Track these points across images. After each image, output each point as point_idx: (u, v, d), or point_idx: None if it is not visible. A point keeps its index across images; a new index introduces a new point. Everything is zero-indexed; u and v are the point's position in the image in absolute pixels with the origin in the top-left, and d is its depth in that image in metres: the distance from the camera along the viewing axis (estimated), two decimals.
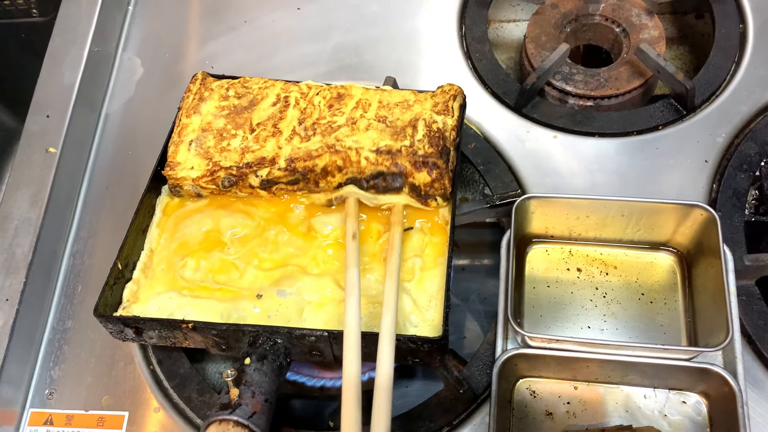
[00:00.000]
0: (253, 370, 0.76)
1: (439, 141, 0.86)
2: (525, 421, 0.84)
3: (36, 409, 0.94)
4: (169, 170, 0.90)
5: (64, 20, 1.19)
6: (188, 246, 0.89)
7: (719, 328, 0.79)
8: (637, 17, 1.15)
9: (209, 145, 0.90)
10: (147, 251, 0.90)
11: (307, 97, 0.93)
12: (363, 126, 0.88)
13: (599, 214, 0.90)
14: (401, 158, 0.85)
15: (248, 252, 0.88)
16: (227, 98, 0.94)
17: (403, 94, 0.93)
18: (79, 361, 0.96)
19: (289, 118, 0.91)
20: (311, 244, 0.89)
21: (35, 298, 0.98)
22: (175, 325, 0.80)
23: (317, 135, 0.88)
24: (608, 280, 0.92)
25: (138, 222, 0.89)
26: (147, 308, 0.85)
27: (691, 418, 0.83)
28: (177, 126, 0.93)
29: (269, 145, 0.89)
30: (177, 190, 0.92)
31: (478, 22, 1.18)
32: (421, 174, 0.85)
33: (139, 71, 1.21)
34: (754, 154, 0.99)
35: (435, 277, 0.84)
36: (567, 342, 0.82)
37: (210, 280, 0.86)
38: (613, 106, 1.10)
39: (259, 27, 1.23)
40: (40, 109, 1.10)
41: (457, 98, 0.92)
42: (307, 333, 0.78)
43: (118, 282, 0.86)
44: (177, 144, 0.91)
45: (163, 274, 0.88)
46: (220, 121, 0.92)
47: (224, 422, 0.71)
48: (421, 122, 0.88)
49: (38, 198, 1.02)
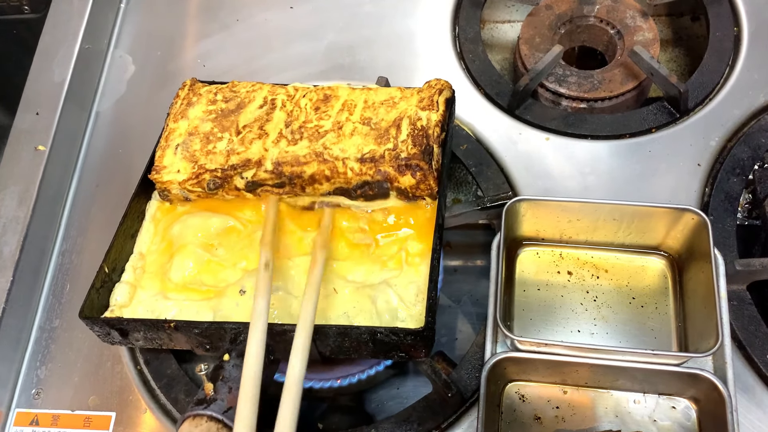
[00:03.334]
0: (232, 366, 0.75)
1: (422, 140, 0.85)
2: (514, 425, 0.84)
3: (22, 409, 0.93)
4: (155, 174, 0.90)
5: (56, 17, 1.18)
6: (176, 248, 0.89)
7: (709, 333, 0.79)
8: (631, 19, 1.14)
9: (195, 148, 0.90)
10: (137, 255, 0.90)
11: (293, 100, 0.93)
12: (348, 131, 0.88)
13: (590, 217, 0.90)
14: (384, 164, 0.85)
15: (236, 253, 0.88)
16: (215, 102, 0.94)
17: (389, 91, 0.93)
18: (66, 360, 0.95)
19: (275, 121, 0.91)
20: (299, 243, 0.88)
21: (22, 297, 0.97)
22: (158, 325, 0.80)
23: (304, 139, 0.88)
24: (599, 284, 0.91)
25: (126, 226, 0.89)
26: (134, 312, 0.84)
27: (681, 424, 0.82)
28: (164, 131, 0.93)
29: (255, 147, 0.88)
30: (166, 195, 0.92)
31: (472, 23, 1.18)
32: (405, 177, 0.85)
33: (130, 69, 1.20)
34: (747, 158, 0.98)
35: (423, 272, 0.84)
36: (557, 346, 0.81)
37: (197, 281, 0.86)
38: (606, 109, 1.09)
39: (252, 26, 1.23)
40: (30, 106, 1.09)
41: (443, 92, 0.91)
42: (288, 329, 0.76)
43: (105, 285, 0.85)
44: (164, 149, 0.91)
45: (152, 277, 0.87)
46: (207, 125, 0.92)
47: (198, 417, 0.70)
48: (405, 120, 0.87)
49: (26, 196, 1.01)
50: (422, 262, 0.84)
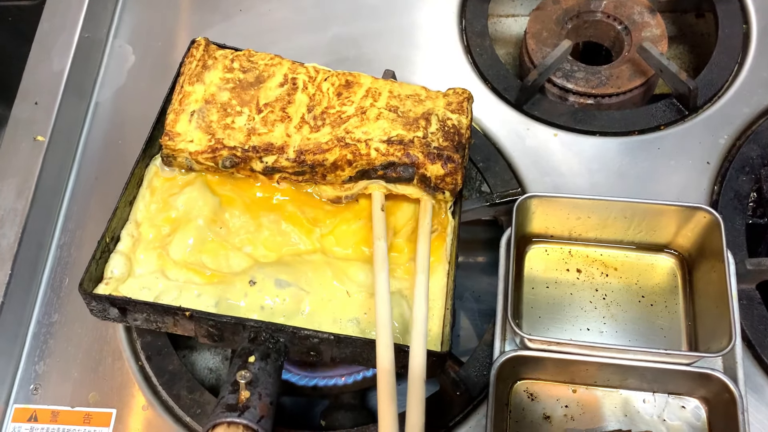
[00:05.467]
0: (258, 368, 0.72)
1: (455, 136, 0.83)
2: (522, 424, 0.83)
3: (20, 404, 0.91)
4: (168, 140, 0.84)
5: (54, 5, 1.15)
6: (177, 222, 0.84)
7: (721, 332, 0.78)
8: (639, 15, 1.13)
9: (212, 119, 0.85)
10: (133, 223, 0.84)
11: (315, 82, 0.89)
12: (373, 115, 0.85)
13: (600, 215, 0.89)
14: (413, 149, 0.82)
15: (241, 236, 0.84)
16: (232, 70, 0.89)
17: (414, 88, 0.91)
18: (65, 355, 0.94)
19: (297, 104, 0.86)
20: (312, 233, 0.85)
21: (20, 291, 0.95)
22: (169, 311, 0.76)
23: (326, 126, 0.85)
24: (608, 282, 0.90)
25: (127, 194, 0.85)
26: (131, 289, 0.80)
27: (690, 424, 0.82)
28: (178, 93, 0.87)
29: (278, 130, 0.84)
30: (169, 161, 0.87)
31: (479, 17, 1.16)
32: (435, 166, 0.81)
33: (130, 59, 1.18)
34: (756, 157, 0.98)
35: (435, 282, 0.83)
36: (567, 345, 0.80)
37: (199, 262, 0.82)
38: (613, 105, 1.08)
39: (254, 16, 1.21)
40: (28, 96, 1.07)
41: (470, 100, 0.90)
42: (312, 334, 0.74)
43: (104, 256, 0.81)
44: (178, 113, 0.85)
45: (149, 249, 0.82)
46: (225, 95, 0.86)
47: (233, 425, 0.66)
48: (435, 117, 0.85)
49: (25, 188, 0.99)
50: (434, 272, 0.84)
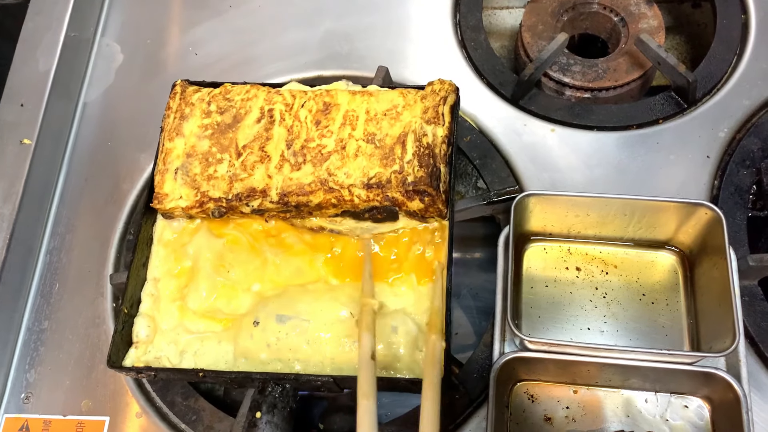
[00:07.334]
0: (265, 423, 0.76)
1: (429, 159, 0.83)
2: (523, 425, 0.82)
3: (11, 414, 0.90)
4: (158, 203, 0.86)
5: (39, 3, 1.13)
6: (191, 271, 0.86)
7: (724, 330, 0.77)
8: (635, 6, 1.11)
9: (195, 172, 0.86)
10: (151, 281, 0.86)
11: (292, 111, 0.88)
12: (352, 151, 0.85)
13: (600, 212, 0.87)
14: (391, 190, 0.83)
15: (249, 273, 0.86)
16: (209, 114, 0.89)
17: (391, 97, 0.88)
18: (56, 363, 0.92)
19: (276, 139, 0.87)
20: (312, 264, 0.86)
21: (9, 298, 0.94)
22: (187, 373, 0.81)
23: (308, 164, 0.85)
24: (608, 280, 0.89)
25: (138, 258, 0.86)
26: (158, 347, 0.83)
27: (694, 423, 0.81)
28: (161, 152, 0.88)
29: (258, 173, 0.85)
30: (169, 215, 0.89)
31: (474, 10, 1.14)
32: (414, 203, 0.83)
33: (118, 58, 1.16)
34: (757, 150, 0.96)
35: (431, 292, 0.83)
36: (568, 346, 0.79)
37: (214, 308, 0.84)
38: (610, 98, 1.07)
39: (245, 12, 1.18)
40: (14, 97, 1.05)
41: (448, 100, 0.87)
42: (312, 378, 0.78)
43: (127, 324, 0.83)
44: (163, 173, 0.87)
45: (169, 303, 0.85)
46: (205, 143, 0.87)
47: None
48: (411, 136, 0.85)
49: (12, 192, 0.97)
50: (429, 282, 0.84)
